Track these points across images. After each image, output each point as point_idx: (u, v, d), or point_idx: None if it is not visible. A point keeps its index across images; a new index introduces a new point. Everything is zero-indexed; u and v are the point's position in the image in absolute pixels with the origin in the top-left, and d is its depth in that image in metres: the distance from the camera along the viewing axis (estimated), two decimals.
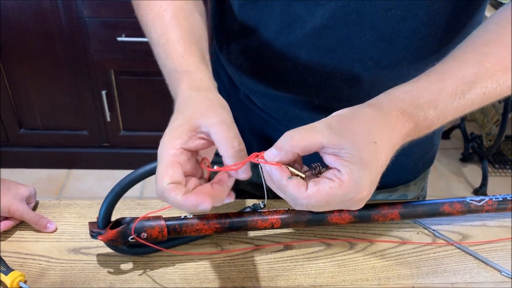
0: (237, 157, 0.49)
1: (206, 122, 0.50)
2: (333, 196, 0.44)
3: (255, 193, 0.87)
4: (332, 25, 0.60)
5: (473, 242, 0.71)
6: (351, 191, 0.44)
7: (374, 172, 0.45)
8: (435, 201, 0.69)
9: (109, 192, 0.59)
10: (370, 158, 0.44)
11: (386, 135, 0.46)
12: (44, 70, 1.90)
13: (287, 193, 0.46)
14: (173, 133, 0.50)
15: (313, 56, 0.63)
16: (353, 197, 0.44)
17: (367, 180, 0.44)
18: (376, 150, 0.45)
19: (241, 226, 0.64)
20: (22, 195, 0.68)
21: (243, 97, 0.76)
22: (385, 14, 0.58)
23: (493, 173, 2.34)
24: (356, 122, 0.46)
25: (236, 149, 0.49)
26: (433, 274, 0.66)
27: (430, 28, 0.60)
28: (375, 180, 0.45)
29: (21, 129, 2.07)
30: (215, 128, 0.49)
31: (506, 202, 0.71)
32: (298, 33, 0.62)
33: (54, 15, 1.76)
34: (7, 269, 0.61)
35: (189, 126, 0.50)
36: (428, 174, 0.87)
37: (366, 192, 0.45)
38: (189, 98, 0.53)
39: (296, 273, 0.65)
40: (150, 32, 0.62)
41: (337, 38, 0.61)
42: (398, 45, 0.61)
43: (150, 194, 2.09)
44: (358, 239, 0.70)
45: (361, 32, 0.60)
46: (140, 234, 0.60)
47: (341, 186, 0.43)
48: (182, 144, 0.49)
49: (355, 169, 0.44)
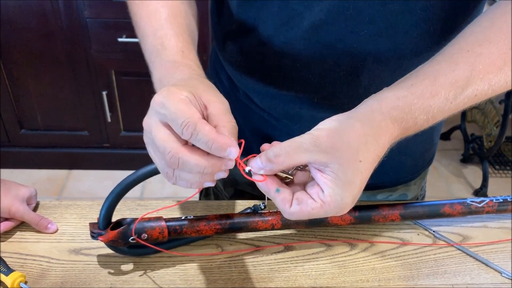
0: (233, 131, 0.48)
1: (206, 96, 0.49)
2: (315, 215, 0.46)
3: (254, 193, 0.87)
4: (330, 20, 0.60)
5: (473, 244, 0.71)
6: (332, 211, 0.46)
7: (357, 191, 0.46)
8: (435, 202, 0.69)
9: (109, 193, 0.59)
10: (354, 178, 0.45)
11: (372, 151, 0.47)
12: (44, 71, 1.90)
13: (275, 203, 0.48)
14: (175, 87, 0.47)
15: (311, 52, 0.63)
16: (335, 213, 0.47)
17: (349, 199, 0.45)
18: (361, 168, 0.46)
19: (242, 227, 0.64)
20: (22, 196, 0.68)
21: (242, 97, 0.76)
22: (382, 9, 0.58)
23: (493, 174, 2.34)
24: (344, 140, 0.46)
25: (233, 125, 0.49)
26: (433, 275, 0.66)
27: (427, 23, 0.60)
28: (357, 195, 0.46)
29: (22, 129, 2.07)
30: (216, 103, 0.49)
31: (507, 203, 0.71)
32: (297, 30, 0.62)
33: (55, 16, 1.76)
34: (8, 269, 0.61)
35: (191, 90, 0.48)
36: (427, 174, 0.87)
37: (347, 209, 0.47)
38: (191, 78, 0.53)
39: (296, 274, 0.65)
40: (144, 26, 0.61)
41: (335, 34, 0.61)
42: (396, 40, 0.61)
43: (151, 195, 2.09)
44: (358, 240, 0.70)
45: (359, 27, 0.60)
46: (140, 235, 0.60)
47: (322, 207, 0.45)
48: (188, 96, 0.46)
49: (338, 191, 0.45)
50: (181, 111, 0.44)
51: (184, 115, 0.44)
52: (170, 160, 0.45)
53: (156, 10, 0.61)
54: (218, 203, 0.76)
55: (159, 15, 0.61)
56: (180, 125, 0.44)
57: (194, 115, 0.44)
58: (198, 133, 0.44)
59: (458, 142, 2.55)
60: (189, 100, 0.46)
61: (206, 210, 0.74)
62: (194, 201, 0.77)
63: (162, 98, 0.46)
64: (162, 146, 0.46)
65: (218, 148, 0.45)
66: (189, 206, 0.75)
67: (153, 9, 0.61)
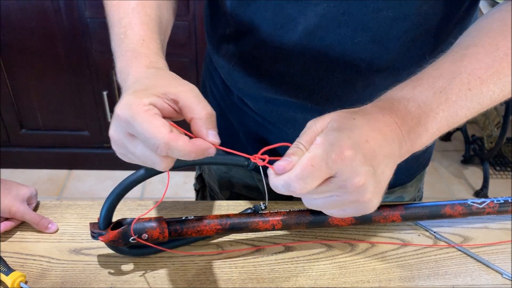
0: (210, 120, 0.47)
1: (172, 89, 0.47)
2: (314, 157, 0.42)
3: (250, 196, 0.87)
4: (324, 26, 0.60)
5: (474, 245, 0.71)
6: (329, 149, 0.42)
7: (353, 136, 0.43)
8: (436, 203, 0.69)
9: (110, 193, 0.59)
10: (348, 127, 0.44)
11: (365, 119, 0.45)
12: (45, 71, 1.90)
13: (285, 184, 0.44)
14: (137, 94, 0.45)
15: (305, 58, 0.63)
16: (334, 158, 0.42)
17: (345, 140, 0.42)
18: (356, 123, 0.44)
19: (242, 227, 0.64)
20: (23, 196, 0.68)
21: (236, 100, 0.76)
22: (376, 15, 0.58)
23: (494, 175, 2.33)
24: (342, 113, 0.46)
25: (210, 112, 0.47)
26: (434, 276, 0.66)
27: (421, 29, 0.60)
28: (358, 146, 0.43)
29: (22, 129, 2.07)
30: (184, 93, 0.47)
31: (508, 204, 0.71)
32: (291, 35, 0.62)
33: (55, 16, 1.76)
34: (8, 269, 0.61)
35: (154, 91, 0.46)
36: (424, 176, 0.87)
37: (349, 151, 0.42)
38: (147, 74, 0.51)
39: (297, 274, 0.65)
40: (113, 15, 0.60)
41: (329, 39, 0.61)
42: (389, 46, 0.61)
43: (151, 195, 2.09)
44: (359, 241, 0.70)
45: (353, 33, 0.60)
46: (141, 235, 0.60)
47: (318, 146, 0.43)
48: (151, 101, 0.45)
49: (330, 132, 0.44)
50: (149, 132, 0.43)
51: (154, 137, 0.43)
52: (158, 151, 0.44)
53: (124, 1, 0.59)
54: (218, 204, 0.76)
55: (127, 5, 0.59)
56: (152, 146, 0.44)
57: (163, 134, 0.43)
58: (173, 151, 0.44)
59: (458, 143, 2.55)
60: (153, 108, 0.45)
61: (206, 211, 0.74)
62: (194, 202, 0.77)
63: (126, 113, 0.44)
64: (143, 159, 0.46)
65: (198, 155, 0.45)
66: (190, 206, 0.75)
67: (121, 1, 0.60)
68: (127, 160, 0.49)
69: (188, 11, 1.75)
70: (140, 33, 0.56)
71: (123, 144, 0.47)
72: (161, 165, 0.46)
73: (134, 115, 0.43)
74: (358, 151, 0.43)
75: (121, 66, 0.54)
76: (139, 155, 0.46)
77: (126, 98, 0.45)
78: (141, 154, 0.45)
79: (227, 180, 0.88)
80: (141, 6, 0.59)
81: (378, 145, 0.44)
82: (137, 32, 0.56)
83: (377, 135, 0.45)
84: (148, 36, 0.56)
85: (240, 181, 0.87)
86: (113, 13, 0.60)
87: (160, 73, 0.51)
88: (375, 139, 0.44)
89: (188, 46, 1.83)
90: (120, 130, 0.46)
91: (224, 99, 0.79)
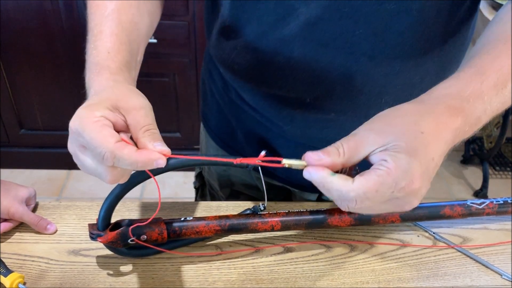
0: (154, 137, 0.47)
1: (123, 104, 0.47)
2: (382, 184, 0.41)
3: (250, 194, 0.87)
4: (326, 18, 0.60)
5: (473, 245, 0.71)
6: (400, 178, 0.41)
7: (424, 162, 0.42)
8: (435, 204, 0.69)
9: (109, 193, 0.59)
10: (418, 147, 0.42)
11: (433, 127, 0.44)
12: (44, 71, 1.90)
13: (332, 190, 0.43)
14: (89, 107, 0.46)
15: (306, 50, 0.63)
16: (403, 187, 0.41)
17: (417, 168, 0.41)
18: (424, 140, 0.43)
19: (241, 228, 0.64)
20: (21, 197, 0.68)
21: (235, 97, 0.76)
22: (378, 8, 0.58)
23: (493, 175, 2.33)
24: (398, 117, 0.44)
25: (152, 132, 0.47)
26: (433, 277, 0.66)
27: (423, 25, 0.60)
28: (426, 171, 0.43)
29: (22, 129, 2.07)
30: (132, 112, 0.47)
31: (507, 205, 0.71)
32: (292, 26, 0.62)
33: (55, 16, 1.76)
34: (7, 270, 0.60)
35: (106, 105, 0.47)
36: None
37: (418, 182, 0.42)
38: (107, 87, 0.51)
39: (296, 275, 0.65)
40: (90, 19, 0.60)
41: (331, 32, 0.61)
42: (391, 41, 0.61)
43: (151, 195, 2.09)
44: (358, 242, 0.70)
45: (355, 26, 0.60)
46: (140, 236, 0.60)
47: (389, 173, 0.41)
48: (103, 114, 0.46)
49: (402, 156, 0.42)
50: (96, 141, 0.44)
51: (100, 145, 0.43)
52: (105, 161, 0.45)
53: (103, 5, 0.59)
54: (217, 204, 0.75)
55: (104, 9, 0.59)
56: (98, 156, 0.44)
57: (109, 143, 0.43)
58: (119, 160, 0.44)
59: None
60: (104, 119, 0.45)
61: (205, 211, 0.74)
62: (193, 202, 0.77)
63: (77, 125, 0.45)
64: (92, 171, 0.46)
65: (145, 165, 0.45)
66: (189, 207, 0.75)
67: (101, 2, 0.59)
68: (88, 173, 0.49)
69: (188, 11, 1.75)
70: (107, 45, 0.56)
71: (77, 156, 0.47)
72: (107, 177, 0.46)
73: (83, 126, 0.45)
74: (425, 178, 0.42)
75: (87, 79, 0.55)
76: (88, 167, 0.46)
77: (78, 111, 0.47)
78: (89, 165, 0.46)
79: (227, 178, 0.88)
80: (117, 13, 0.58)
81: (440, 156, 0.44)
82: (104, 44, 0.56)
83: (442, 147, 0.45)
84: (116, 48, 0.56)
85: (239, 179, 0.87)
86: (90, 17, 0.60)
87: (118, 87, 0.51)
88: (439, 153, 0.44)
89: (188, 46, 1.83)
90: (73, 142, 0.47)
91: (223, 97, 0.79)
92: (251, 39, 0.66)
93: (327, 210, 0.66)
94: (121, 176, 0.47)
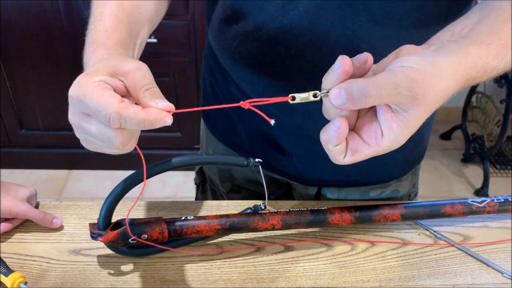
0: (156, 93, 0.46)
1: (120, 69, 0.47)
2: (366, 158, 0.46)
3: (251, 188, 0.88)
4: (326, 5, 0.60)
5: (474, 244, 0.71)
6: (383, 152, 0.45)
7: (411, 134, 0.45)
8: (436, 202, 0.69)
9: (109, 193, 0.59)
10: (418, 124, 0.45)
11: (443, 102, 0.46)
12: (45, 71, 1.90)
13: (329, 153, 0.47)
14: (87, 75, 0.46)
15: (306, 39, 0.63)
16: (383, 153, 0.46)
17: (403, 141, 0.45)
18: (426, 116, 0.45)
19: (242, 227, 0.64)
20: (22, 196, 0.68)
21: (235, 91, 0.76)
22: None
23: (494, 173, 2.33)
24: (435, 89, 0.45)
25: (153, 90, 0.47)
26: (434, 276, 0.66)
27: (421, 13, 0.60)
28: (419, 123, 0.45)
29: (22, 129, 2.07)
30: (131, 73, 0.47)
31: (508, 203, 0.71)
32: (293, 15, 0.62)
33: (55, 16, 1.76)
34: (8, 270, 0.61)
35: (104, 72, 0.46)
36: (418, 170, 0.87)
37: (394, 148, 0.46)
38: (101, 59, 0.51)
39: (297, 274, 0.65)
40: (92, 4, 0.61)
41: (331, 19, 0.61)
42: (390, 28, 0.61)
43: (151, 195, 2.09)
44: (359, 240, 0.70)
45: (355, 13, 0.60)
46: (140, 236, 0.60)
47: (376, 151, 0.45)
48: (102, 79, 0.45)
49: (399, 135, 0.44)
50: (99, 104, 0.43)
51: (104, 108, 0.43)
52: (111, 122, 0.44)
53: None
54: (218, 203, 0.75)
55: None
56: (104, 119, 0.43)
57: (113, 104, 0.43)
58: (126, 119, 0.43)
59: (459, 141, 2.55)
60: (104, 83, 0.45)
61: (206, 210, 0.74)
62: (194, 202, 0.77)
63: (77, 92, 0.45)
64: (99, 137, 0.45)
65: (152, 124, 0.44)
66: (189, 206, 0.75)
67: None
68: (91, 148, 0.49)
69: (188, 11, 1.75)
70: (105, 24, 0.56)
71: (80, 126, 0.47)
72: (117, 139, 0.45)
73: (84, 92, 0.44)
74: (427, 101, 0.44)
75: (85, 58, 0.55)
76: (95, 133, 0.46)
77: (77, 80, 0.46)
78: (96, 131, 0.45)
79: (228, 172, 0.88)
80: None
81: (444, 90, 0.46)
82: (103, 24, 0.56)
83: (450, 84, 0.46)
84: (114, 26, 0.56)
85: (240, 174, 0.87)
86: (93, 2, 0.61)
87: (112, 56, 0.51)
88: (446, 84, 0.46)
89: (188, 46, 1.83)
90: (75, 111, 0.47)
91: (223, 92, 0.79)
92: (251, 28, 0.66)
93: (327, 209, 0.66)
94: (130, 139, 0.46)
